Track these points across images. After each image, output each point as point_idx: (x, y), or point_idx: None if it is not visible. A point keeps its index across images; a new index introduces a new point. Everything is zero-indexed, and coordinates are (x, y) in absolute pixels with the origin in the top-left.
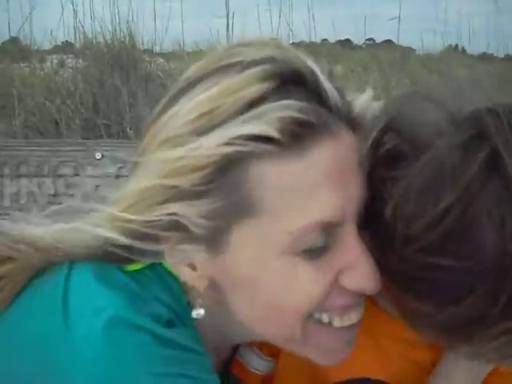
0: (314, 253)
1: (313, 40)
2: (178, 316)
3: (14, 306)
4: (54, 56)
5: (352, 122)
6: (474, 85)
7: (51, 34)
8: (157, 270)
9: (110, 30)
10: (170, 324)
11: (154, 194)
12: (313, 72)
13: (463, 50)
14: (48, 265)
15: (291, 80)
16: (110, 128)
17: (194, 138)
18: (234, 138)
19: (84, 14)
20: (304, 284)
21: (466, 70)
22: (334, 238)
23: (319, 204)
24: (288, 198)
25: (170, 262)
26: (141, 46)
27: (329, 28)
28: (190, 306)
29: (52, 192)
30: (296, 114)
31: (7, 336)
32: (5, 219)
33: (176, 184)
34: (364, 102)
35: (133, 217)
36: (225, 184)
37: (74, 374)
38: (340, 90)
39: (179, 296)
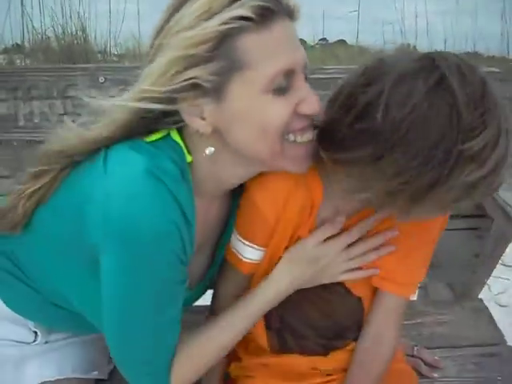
0: (280, 91)
1: None
2: (182, 171)
3: (61, 187)
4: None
5: (293, 15)
6: None
7: None
8: (167, 139)
9: (61, 23)
10: (177, 178)
11: (175, 64)
12: None
13: (415, 48)
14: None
15: None
16: None
17: (201, 23)
18: (227, 19)
19: (32, 7)
20: (277, 111)
21: None
22: (291, 82)
23: (281, 58)
24: (263, 56)
25: (186, 119)
26: (94, 47)
27: None
28: (191, 166)
29: (62, 112)
30: (262, 3)
31: (56, 206)
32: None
33: (192, 53)
34: (297, 4)
35: (160, 88)
36: (224, 50)
37: (106, 206)
38: None
39: (183, 157)
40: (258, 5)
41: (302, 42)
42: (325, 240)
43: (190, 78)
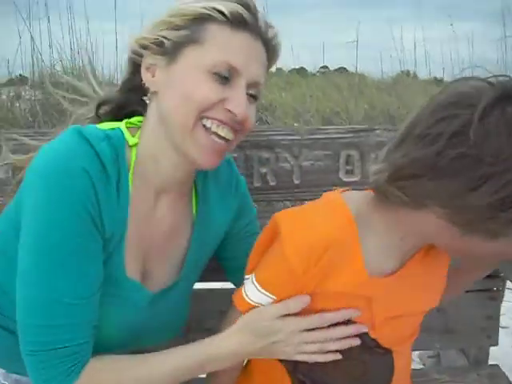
0: (218, 77)
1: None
2: (116, 149)
3: None
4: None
5: (268, 45)
6: None
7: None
8: (115, 128)
9: (69, 57)
10: (102, 139)
11: (160, 24)
12: (254, 6)
13: (415, 75)
14: None
15: (244, 4)
16: None
17: (189, 3)
18: (209, 7)
19: (41, 42)
20: (205, 90)
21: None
22: (231, 79)
23: (234, 56)
24: (220, 45)
25: (142, 70)
26: (102, 79)
27: (282, 57)
28: (136, 148)
29: None
30: (241, 11)
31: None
32: None
33: (172, 20)
34: (277, 41)
35: (147, 35)
36: (194, 25)
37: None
38: (267, 23)
39: (122, 139)
40: (237, 11)
41: (303, 70)
42: (287, 315)
43: (160, 36)
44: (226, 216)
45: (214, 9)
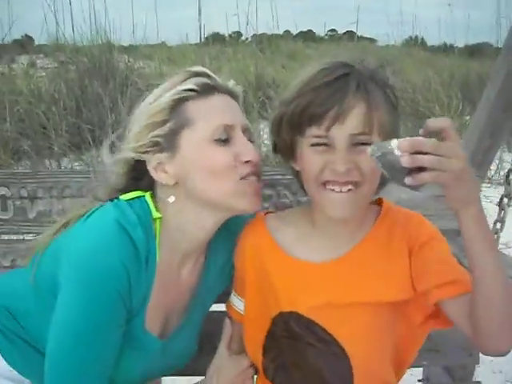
0: (221, 142)
1: (275, 32)
2: (145, 224)
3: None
4: (39, 61)
5: (233, 95)
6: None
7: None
8: (140, 198)
9: (89, 37)
10: (136, 226)
11: (144, 129)
12: (209, 72)
13: (423, 42)
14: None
15: (199, 73)
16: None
17: (159, 99)
18: (179, 91)
19: (64, 22)
20: (220, 156)
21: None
22: (231, 135)
23: (220, 117)
24: (205, 115)
25: (153, 173)
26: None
27: (290, 20)
28: (161, 221)
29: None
30: (205, 80)
31: (47, 253)
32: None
33: (153, 120)
34: (237, 87)
35: (135, 144)
36: (175, 114)
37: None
38: (224, 80)
39: (149, 212)
40: (201, 81)
41: (311, 33)
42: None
43: (152, 137)
44: (227, 266)
45: (184, 90)
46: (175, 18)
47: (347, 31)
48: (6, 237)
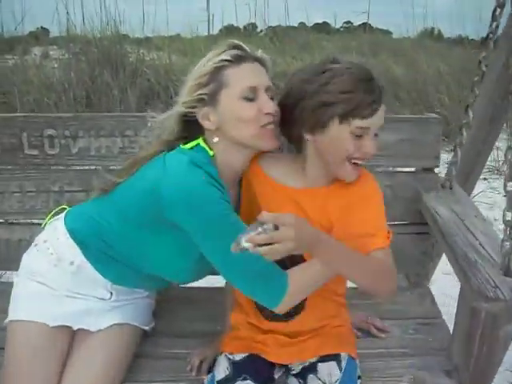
0: (248, 99)
1: (290, 24)
2: (209, 161)
3: (135, 174)
4: (52, 52)
5: (261, 61)
6: None
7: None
8: (197, 146)
9: (99, 28)
10: (207, 164)
11: (192, 87)
12: (242, 44)
13: (439, 33)
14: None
15: (234, 46)
16: None
17: (206, 64)
18: (217, 61)
19: (75, 14)
20: (247, 110)
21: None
22: (256, 95)
23: (248, 80)
24: (237, 79)
25: (201, 121)
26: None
27: (302, 12)
28: (214, 158)
29: (121, 146)
30: (237, 52)
31: (130, 185)
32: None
33: (199, 81)
34: (264, 55)
35: (187, 99)
36: (215, 78)
37: (165, 186)
38: (254, 50)
39: (208, 153)
40: (235, 53)
41: (327, 25)
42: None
43: (199, 94)
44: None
45: (221, 60)
46: (186, 10)
47: (363, 23)
48: (54, 167)
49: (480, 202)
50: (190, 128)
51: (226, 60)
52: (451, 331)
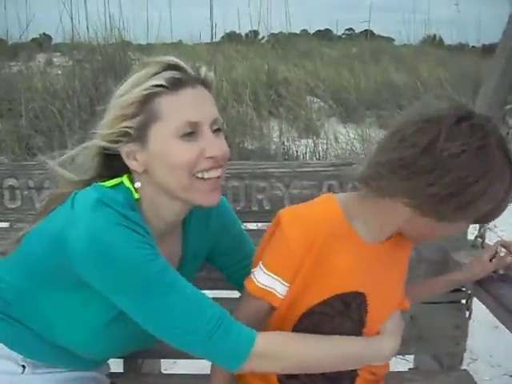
0: (186, 137)
1: (292, 31)
2: (131, 203)
3: (45, 218)
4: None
5: (205, 83)
6: None
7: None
8: (120, 184)
9: (104, 35)
10: (124, 205)
11: (115, 119)
12: (181, 64)
13: (440, 41)
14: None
15: (170, 66)
16: None
17: (131, 91)
18: (148, 86)
19: (79, 21)
20: (183, 153)
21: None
22: (198, 132)
23: (187, 113)
24: (172, 111)
25: (125, 160)
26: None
27: (303, 19)
28: (139, 202)
29: None
30: (173, 74)
31: (38, 232)
32: None
33: (124, 112)
34: (209, 75)
35: (108, 131)
36: (145, 108)
37: (74, 230)
38: (196, 67)
39: (131, 194)
40: (171, 76)
41: (329, 32)
42: None
43: (123, 127)
44: (208, 234)
45: (153, 86)
46: (189, 17)
47: (364, 30)
48: (16, 225)
49: None
50: (113, 165)
51: (158, 85)
52: None
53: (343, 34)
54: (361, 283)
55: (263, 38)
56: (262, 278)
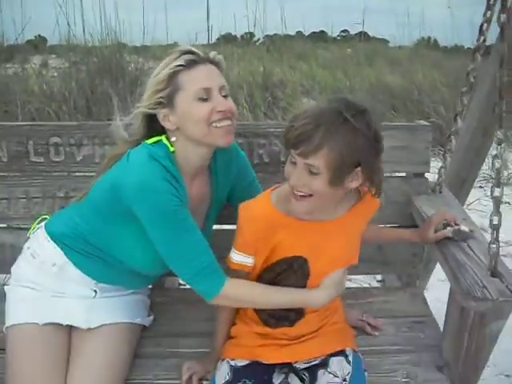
0: (202, 99)
1: (287, 33)
2: (169, 157)
3: (107, 172)
4: (51, 61)
5: (214, 62)
6: None
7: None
8: (159, 141)
9: (100, 38)
10: (165, 159)
11: (151, 94)
12: (194, 49)
13: (435, 42)
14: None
15: (187, 51)
16: None
17: (161, 71)
18: (172, 67)
19: (75, 24)
20: (200, 110)
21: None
22: (210, 95)
23: (201, 82)
24: (191, 82)
25: (162, 122)
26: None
27: (298, 21)
28: (175, 153)
29: None
30: (189, 56)
31: (102, 182)
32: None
33: (158, 88)
34: (217, 56)
35: (147, 103)
36: (172, 82)
37: (126, 178)
38: (206, 52)
39: (168, 149)
40: (188, 58)
41: (324, 34)
42: None
43: (158, 97)
44: (229, 177)
45: (176, 66)
46: (185, 19)
47: (359, 32)
48: (59, 173)
49: (476, 210)
50: (154, 127)
51: (179, 65)
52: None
53: (338, 36)
54: (300, 250)
55: (258, 39)
56: (235, 257)
